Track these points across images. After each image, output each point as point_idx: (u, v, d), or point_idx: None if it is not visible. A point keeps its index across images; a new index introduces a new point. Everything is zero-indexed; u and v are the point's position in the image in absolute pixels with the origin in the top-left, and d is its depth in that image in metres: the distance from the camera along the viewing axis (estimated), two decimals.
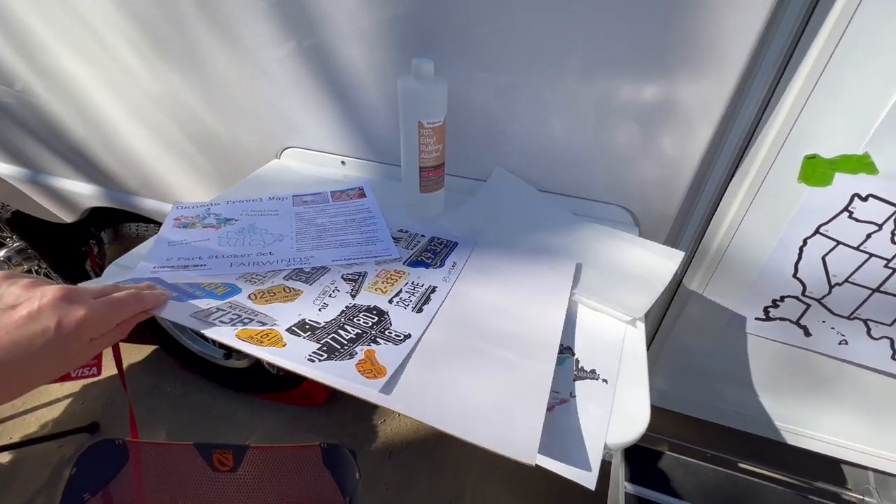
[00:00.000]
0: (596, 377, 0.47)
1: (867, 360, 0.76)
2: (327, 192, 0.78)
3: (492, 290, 0.58)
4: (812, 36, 0.55)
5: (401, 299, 0.55)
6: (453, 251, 0.65)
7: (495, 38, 0.63)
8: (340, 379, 0.43)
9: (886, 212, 0.63)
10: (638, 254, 0.64)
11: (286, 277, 0.57)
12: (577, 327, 0.53)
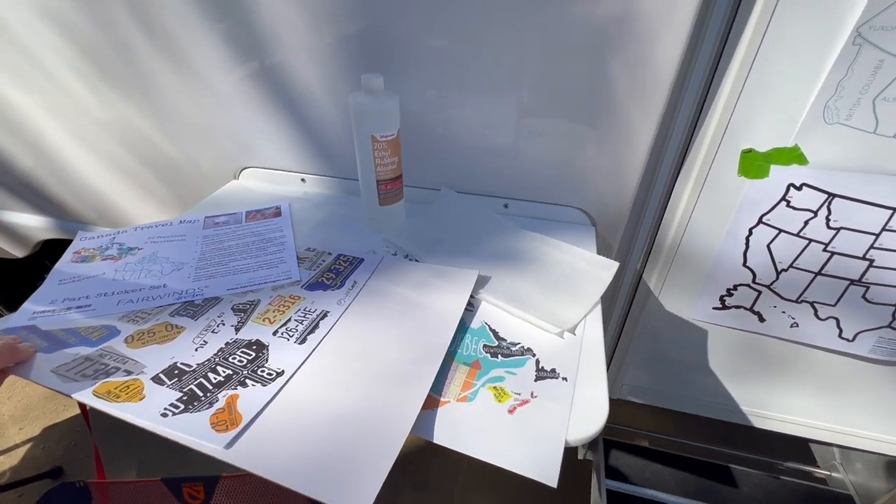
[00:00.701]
0: (556, 376, 0.48)
1: (817, 340, 0.80)
2: (242, 213, 0.77)
3: (381, 315, 0.56)
4: (735, 41, 0.58)
5: (287, 329, 0.53)
6: (356, 269, 0.64)
7: (449, 54, 0.65)
8: (188, 436, 0.40)
9: (819, 199, 0.67)
10: (575, 265, 0.65)
11: (173, 313, 0.56)
12: (535, 328, 0.54)
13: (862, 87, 0.57)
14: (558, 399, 0.45)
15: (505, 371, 0.48)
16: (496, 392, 0.46)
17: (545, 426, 0.42)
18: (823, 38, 0.56)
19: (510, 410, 0.44)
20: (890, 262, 0.69)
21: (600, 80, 0.62)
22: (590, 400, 0.45)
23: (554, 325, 0.54)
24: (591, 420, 0.44)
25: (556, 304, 0.59)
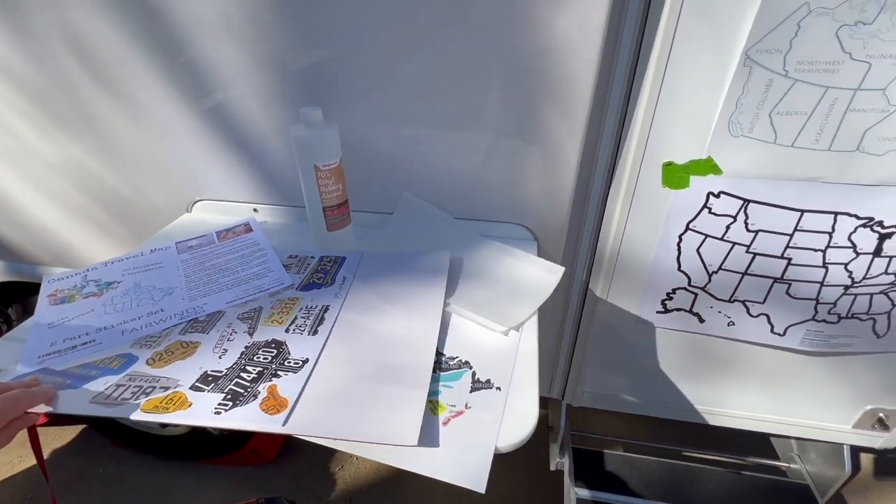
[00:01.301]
0: (490, 386, 0.50)
1: (752, 336, 0.85)
2: (212, 234, 0.79)
3: (377, 299, 0.63)
4: (644, 65, 0.64)
5: (296, 326, 0.58)
6: (342, 266, 0.70)
7: (388, 85, 0.69)
8: (248, 423, 0.45)
9: (736, 205, 0.72)
10: (525, 269, 0.69)
11: (182, 332, 0.58)
12: (475, 341, 0.57)
13: (758, 103, 0.63)
14: (491, 409, 0.48)
15: (442, 385, 0.51)
16: (432, 405, 0.48)
17: (477, 436, 0.45)
18: (719, 61, 0.62)
19: (444, 422, 0.46)
20: (805, 260, 0.74)
21: (527, 104, 0.66)
22: (521, 408, 0.48)
23: (500, 325, 0.57)
24: (522, 427, 0.46)
25: (504, 304, 0.62)
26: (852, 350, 0.83)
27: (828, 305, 0.78)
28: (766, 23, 0.57)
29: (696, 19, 0.60)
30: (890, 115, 0.61)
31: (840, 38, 0.57)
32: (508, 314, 0.59)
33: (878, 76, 0.59)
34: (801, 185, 0.69)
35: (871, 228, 0.70)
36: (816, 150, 0.65)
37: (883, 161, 0.65)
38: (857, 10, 0.55)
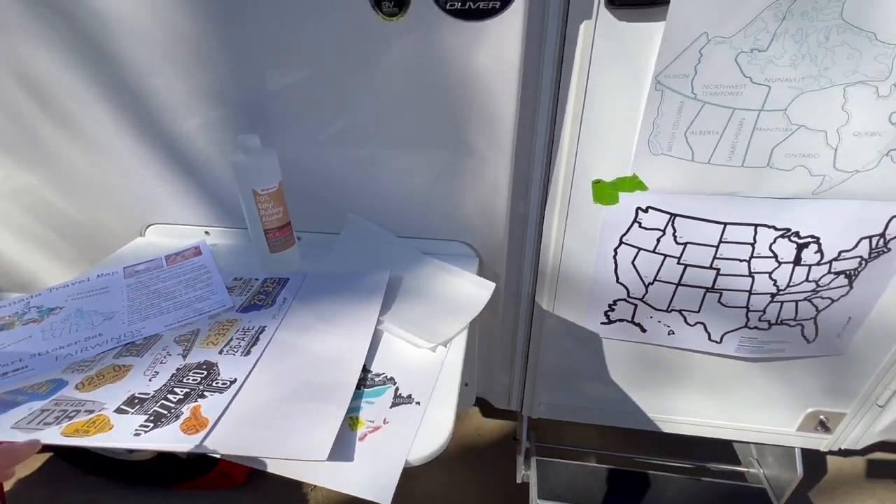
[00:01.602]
0: (411, 401, 0.52)
1: (692, 344, 0.88)
2: (162, 258, 0.80)
3: (313, 319, 0.65)
4: (566, 90, 0.67)
5: (231, 347, 0.59)
6: (285, 287, 0.71)
7: (329, 110, 0.71)
8: (165, 444, 0.46)
9: (664, 219, 0.76)
10: (460, 286, 0.71)
11: (116, 356, 0.59)
12: (403, 357, 0.59)
13: (673, 124, 0.67)
14: (408, 423, 0.49)
15: (364, 401, 0.52)
16: (351, 421, 0.50)
17: (390, 450, 0.46)
18: (633, 86, 0.65)
19: (361, 438, 0.48)
20: (732, 270, 0.78)
21: (459, 129, 0.69)
22: (437, 421, 0.50)
23: (427, 341, 0.59)
24: (435, 439, 0.48)
25: (435, 321, 0.64)
26: (785, 355, 0.87)
27: (758, 313, 0.81)
28: (671, 51, 0.62)
29: (608, 47, 0.64)
30: (793, 133, 0.65)
31: (739, 64, 0.62)
32: (437, 331, 0.61)
33: (778, 98, 0.63)
34: (721, 199, 0.72)
35: (788, 239, 0.74)
36: (731, 166, 0.69)
37: (793, 175, 0.69)
38: (752, 39, 0.60)
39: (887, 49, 0.58)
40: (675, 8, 0.58)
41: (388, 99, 0.68)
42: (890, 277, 0.76)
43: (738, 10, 0.58)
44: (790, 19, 0.58)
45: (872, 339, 0.83)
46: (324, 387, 0.53)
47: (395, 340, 0.61)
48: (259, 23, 0.65)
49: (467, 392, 1.01)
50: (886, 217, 0.70)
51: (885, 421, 0.94)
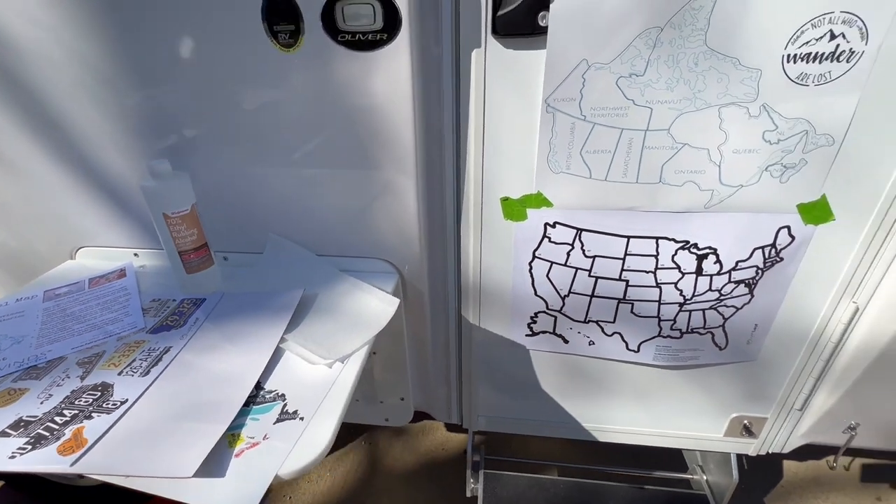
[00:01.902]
0: (295, 417, 0.54)
1: (612, 354, 0.91)
2: (85, 281, 0.82)
3: (220, 338, 0.66)
4: (466, 112, 0.71)
5: (132, 368, 0.60)
6: (199, 307, 0.73)
7: (253, 138, 0.74)
8: (38, 466, 0.47)
9: (571, 234, 0.79)
10: (368, 302, 0.73)
11: (15, 380, 0.60)
12: (299, 374, 0.60)
13: (568, 144, 0.71)
14: (287, 439, 0.51)
15: (249, 418, 0.54)
16: (232, 438, 0.51)
17: (262, 465, 0.48)
18: (527, 109, 0.69)
19: (237, 454, 0.49)
20: (640, 281, 0.81)
21: (366, 152, 0.72)
22: (318, 436, 0.51)
23: (322, 358, 0.61)
24: (312, 454, 0.49)
25: (338, 337, 0.66)
26: (701, 362, 0.89)
27: (669, 322, 0.84)
28: (556, 76, 0.65)
29: (500, 73, 0.67)
30: (679, 151, 0.69)
31: (621, 88, 0.65)
32: (336, 347, 0.63)
33: (661, 118, 0.67)
34: (621, 213, 0.76)
35: (688, 251, 0.77)
36: (627, 182, 0.73)
37: (683, 190, 0.72)
38: (629, 65, 0.64)
39: (751, 73, 0.63)
40: (554, 37, 0.62)
41: (296, 123, 0.71)
42: (787, 285, 0.79)
43: (612, 38, 0.62)
44: (660, 47, 0.62)
45: (781, 345, 0.87)
46: (211, 405, 0.54)
47: (295, 357, 0.63)
48: (167, 53, 0.68)
49: (403, 406, 1.02)
50: (774, 228, 0.74)
51: (807, 424, 0.96)
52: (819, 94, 0.63)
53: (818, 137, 0.66)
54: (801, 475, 1.57)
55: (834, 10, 0.58)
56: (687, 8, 0.59)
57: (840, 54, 0.60)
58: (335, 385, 0.58)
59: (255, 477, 0.46)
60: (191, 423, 0.51)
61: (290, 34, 0.63)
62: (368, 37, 0.61)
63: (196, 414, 0.53)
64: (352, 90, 0.66)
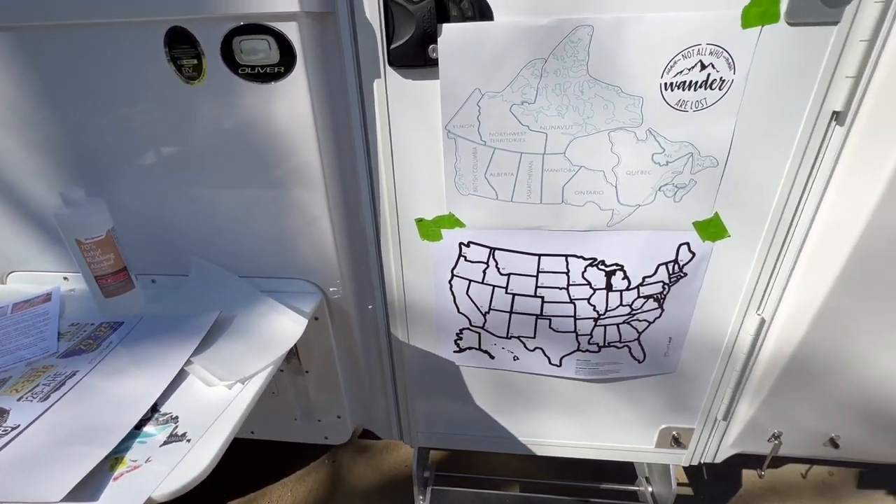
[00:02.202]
0: (182, 439, 0.55)
1: (536, 368, 0.93)
2: (9, 306, 0.82)
3: (128, 362, 0.67)
4: (374, 137, 0.74)
5: (33, 393, 0.61)
6: (116, 331, 0.74)
7: (171, 164, 0.76)
8: None
9: (485, 253, 0.81)
10: (281, 322, 0.75)
11: None
12: (198, 395, 0.62)
13: (472, 168, 0.74)
14: (168, 461, 0.52)
15: (137, 441, 0.55)
16: (114, 462, 0.52)
17: (137, 488, 0.49)
18: (430, 135, 0.72)
19: (116, 478, 0.50)
20: (555, 298, 0.83)
21: (278, 177, 0.74)
22: (201, 457, 0.53)
23: (221, 379, 0.62)
24: (191, 476, 0.51)
25: (242, 358, 0.67)
26: (622, 375, 0.92)
27: (586, 336, 0.87)
28: (452, 104, 0.68)
29: (402, 102, 0.70)
30: (577, 173, 0.72)
31: (515, 114, 0.69)
32: (239, 369, 0.64)
33: (557, 142, 0.70)
34: (530, 232, 0.79)
35: (597, 267, 0.80)
36: (532, 203, 0.76)
37: (586, 210, 0.75)
38: (520, 93, 0.67)
39: (633, 100, 0.66)
40: (444, 68, 0.66)
41: (208, 150, 0.73)
42: (694, 299, 0.82)
43: (501, 69, 0.66)
44: (547, 76, 0.66)
45: (698, 357, 0.89)
46: (100, 429, 0.55)
47: (196, 380, 0.64)
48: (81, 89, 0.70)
49: (341, 424, 1.03)
50: (675, 244, 0.77)
51: (734, 434, 0.99)
52: (698, 119, 0.67)
53: (703, 159, 0.70)
54: (760, 484, 1.59)
55: (701, 42, 0.62)
56: (566, 41, 0.63)
57: (712, 82, 0.64)
58: (230, 406, 0.60)
59: (128, 500, 0.47)
60: (74, 448, 0.52)
61: (192, 68, 0.65)
62: (267, 69, 0.64)
63: (82, 438, 0.54)
64: (256, 119, 0.69)
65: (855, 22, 0.59)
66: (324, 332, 0.90)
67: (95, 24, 0.65)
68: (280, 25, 0.61)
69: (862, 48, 0.60)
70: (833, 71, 0.62)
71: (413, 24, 0.63)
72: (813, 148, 0.68)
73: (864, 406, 0.88)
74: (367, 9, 0.64)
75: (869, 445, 0.95)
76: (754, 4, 0.59)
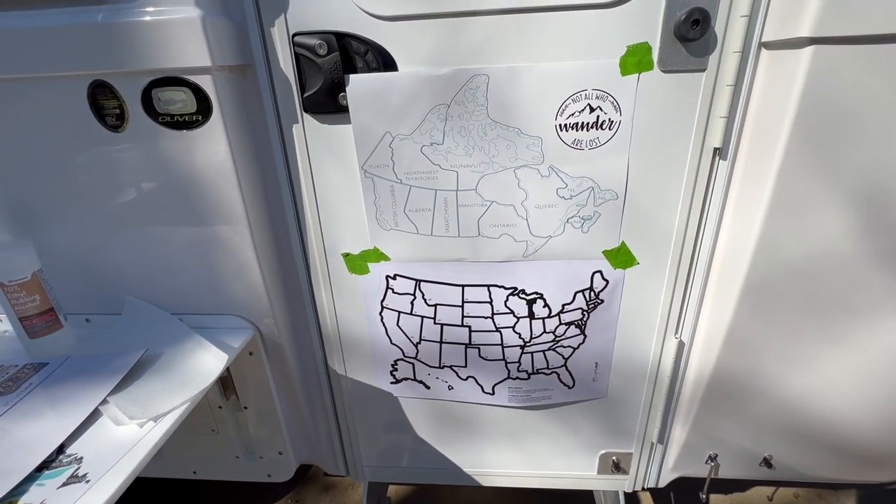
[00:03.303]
0: (81, 480, 0.55)
1: (470, 397, 0.94)
2: None
3: (43, 406, 0.67)
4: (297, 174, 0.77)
5: None
6: (38, 373, 0.74)
7: (100, 211, 0.79)
8: None
9: (411, 285, 0.84)
10: (203, 359, 0.76)
11: None
12: (108, 435, 0.62)
13: (391, 204, 0.77)
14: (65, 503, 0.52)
15: (35, 484, 0.55)
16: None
17: None
18: (348, 174, 0.76)
19: None
20: (482, 326, 0.86)
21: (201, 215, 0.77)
22: (98, 499, 0.53)
23: (131, 417, 0.63)
24: None
25: (158, 396, 0.68)
26: (554, 401, 0.93)
27: (515, 363, 0.89)
28: (366, 146, 0.73)
29: (320, 144, 0.74)
30: (489, 208, 0.77)
31: (426, 155, 0.73)
32: (152, 406, 0.65)
33: (467, 180, 0.75)
34: (452, 265, 0.82)
35: (518, 296, 0.83)
36: (451, 237, 0.79)
37: (502, 242, 0.79)
38: (428, 135, 0.72)
39: (533, 140, 0.71)
40: (355, 114, 0.70)
41: (139, 194, 0.76)
42: (614, 324, 0.86)
43: (408, 113, 0.70)
44: (451, 120, 0.71)
45: (625, 381, 0.92)
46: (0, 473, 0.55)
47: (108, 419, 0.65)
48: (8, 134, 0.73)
49: (283, 461, 1.02)
50: (588, 273, 0.81)
51: (672, 457, 1.00)
52: (594, 156, 0.72)
53: (604, 192, 0.74)
54: None
55: (587, 87, 0.68)
56: (466, 88, 0.68)
57: (602, 123, 0.70)
58: (137, 445, 0.60)
59: None
60: None
61: (116, 117, 0.69)
62: (185, 118, 0.68)
63: None
64: (179, 163, 0.72)
65: (720, 69, 0.65)
66: (259, 366, 0.91)
67: (23, 79, 0.69)
68: (195, 78, 0.65)
69: (729, 91, 0.66)
70: (708, 112, 0.68)
71: (322, 76, 0.68)
72: (702, 180, 0.73)
73: (789, 425, 0.91)
74: (282, 61, 0.69)
75: (801, 464, 0.97)
76: (630, 54, 0.65)
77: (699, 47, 0.65)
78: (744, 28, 0.63)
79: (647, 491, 1.46)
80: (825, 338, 0.80)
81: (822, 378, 0.84)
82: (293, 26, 0.67)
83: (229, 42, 0.67)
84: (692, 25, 0.62)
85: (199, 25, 0.62)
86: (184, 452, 1.02)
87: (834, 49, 0.59)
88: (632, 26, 0.64)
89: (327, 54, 0.66)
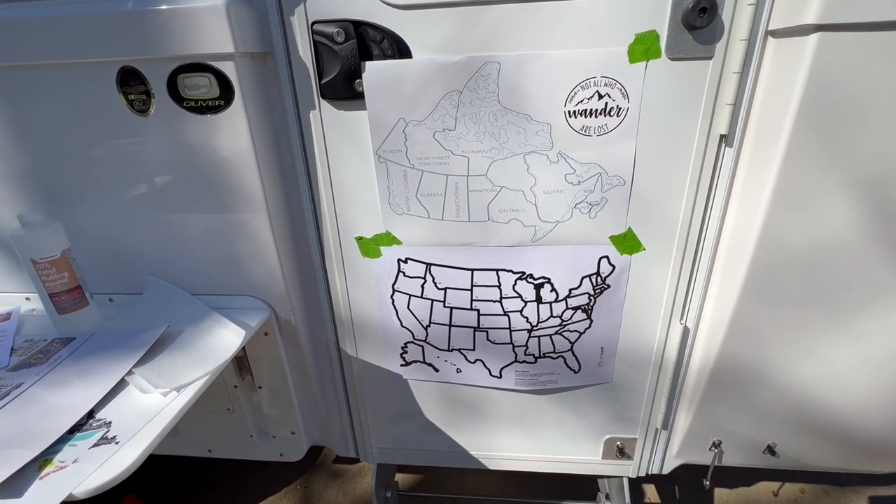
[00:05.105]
0: (111, 442, 0.58)
1: (478, 380, 0.96)
2: None
3: (73, 376, 0.71)
4: (314, 164, 0.80)
5: None
6: (66, 346, 0.78)
7: (126, 192, 0.82)
8: None
9: (422, 268, 0.87)
10: (222, 335, 0.79)
11: None
12: (135, 402, 0.66)
13: (404, 189, 0.80)
14: (94, 462, 0.55)
15: (69, 444, 0.58)
16: (43, 463, 0.55)
17: (60, 485, 0.52)
18: (363, 160, 0.78)
19: (42, 477, 0.54)
20: (490, 310, 0.88)
21: (220, 197, 0.80)
22: (126, 459, 0.56)
23: (157, 387, 0.66)
24: (112, 475, 0.54)
25: (181, 368, 0.71)
26: (560, 386, 0.95)
27: (522, 347, 0.91)
28: (380, 132, 0.75)
29: (336, 130, 0.77)
30: (499, 193, 0.79)
31: (438, 140, 0.75)
32: (175, 377, 0.68)
33: (478, 165, 0.77)
34: (462, 248, 0.84)
35: (526, 280, 0.85)
36: (461, 221, 0.82)
37: (510, 227, 0.81)
38: (440, 121, 0.74)
39: (542, 126, 0.73)
40: (370, 100, 0.73)
41: (159, 176, 0.80)
42: (620, 309, 0.87)
43: (421, 100, 0.73)
44: (463, 106, 0.73)
45: (630, 367, 0.93)
46: (34, 434, 0.58)
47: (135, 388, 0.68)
48: (43, 122, 0.77)
49: (296, 440, 1.05)
50: (595, 258, 0.83)
51: (676, 444, 1.01)
52: (602, 142, 0.74)
53: (611, 178, 0.76)
54: (732, 502, 1.59)
55: (595, 75, 0.69)
56: (478, 75, 0.71)
57: (610, 110, 0.71)
58: (161, 412, 0.63)
59: (50, 496, 0.51)
60: (6, 451, 0.55)
61: (142, 102, 0.72)
62: (209, 103, 0.71)
63: (15, 442, 0.57)
64: (201, 147, 0.75)
65: (727, 56, 0.67)
66: (274, 347, 0.94)
67: (56, 65, 0.72)
68: (218, 64, 0.68)
69: (735, 79, 0.67)
70: (714, 99, 0.69)
71: (339, 63, 0.70)
72: (708, 167, 0.74)
73: (793, 413, 0.92)
74: (301, 49, 0.72)
75: (805, 453, 0.98)
76: (638, 42, 0.67)
77: (706, 35, 0.66)
78: (750, 16, 0.64)
79: (650, 483, 1.48)
80: (830, 326, 0.81)
81: (827, 367, 0.85)
82: (312, 15, 0.69)
83: (251, 29, 0.70)
84: (699, 13, 0.64)
85: (224, 13, 0.65)
86: (201, 430, 1.05)
87: (839, 36, 0.60)
88: (640, 14, 0.66)
89: (345, 42, 0.69)
